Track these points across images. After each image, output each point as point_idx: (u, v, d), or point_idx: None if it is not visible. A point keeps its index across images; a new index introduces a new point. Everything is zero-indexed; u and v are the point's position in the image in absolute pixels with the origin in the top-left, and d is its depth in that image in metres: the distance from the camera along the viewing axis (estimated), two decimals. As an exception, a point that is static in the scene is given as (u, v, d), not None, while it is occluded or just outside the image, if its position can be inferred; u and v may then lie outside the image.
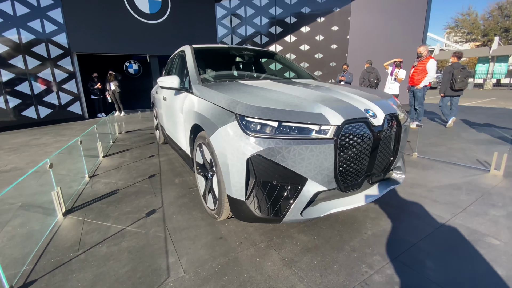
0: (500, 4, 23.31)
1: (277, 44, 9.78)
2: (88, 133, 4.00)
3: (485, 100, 13.10)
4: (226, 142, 1.52)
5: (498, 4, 23.35)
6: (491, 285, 1.32)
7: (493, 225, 1.86)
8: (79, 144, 2.85)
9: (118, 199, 2.40)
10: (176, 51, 3.63)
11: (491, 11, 24.22)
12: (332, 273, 1.43)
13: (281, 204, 1.49)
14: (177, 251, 1.64)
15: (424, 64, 5.22)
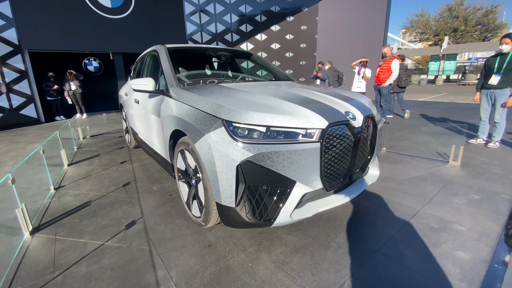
0: (449, 6, 25.78)
1: (248, 43, 9.76)
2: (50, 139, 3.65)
3: (437, 95, 14.46)
4: (213, 149, 1.49)
5: (447, 5, 25.79)
6: (462, 268, 1.48)
7: (457, 212, 2.07)
8: (41, 154, 2.59)
9: (92, 212, 2.23)
10: (146, 50, 3.45)
11: (441, 12, 26.70)
12: (322, 270, 1.49)
13: (271, 208, 1.50)
14: (164, 263, 1.57)
15: (389, 64, 5.60)
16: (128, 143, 4.22)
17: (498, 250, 1.62)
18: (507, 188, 2.47)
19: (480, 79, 3.83)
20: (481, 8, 24.72)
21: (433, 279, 1.41)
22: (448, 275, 1.44)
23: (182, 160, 1.97)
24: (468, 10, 25.19)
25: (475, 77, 22.57)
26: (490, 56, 3.72)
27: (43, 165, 2.77)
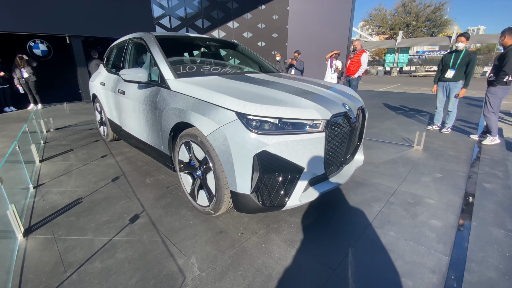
0: (403, 2, 27.84)
1: (220, 30, 9.54)
2: (11, 134, 3.28)
3: (394, 85, 15.84)
4: (229, 140, 1.55)
5: (402, 1, 27.83)
6: (437, 233, 1.80)
7: (426, 189, 2.44)
8: (17, 150, 2.36)
9: (87, 208, 2.14)
10: (124, 36, 3.25)
11: (397, 7, 28.75)
12: (327, 245, 1.69)
13: (282, 193, 1.64)
14: (182, 252, 1.63)
15: (359, 57, 6.00)
16: (105, 136, 3.97)
17: (461, 217, 1.99)
18: (461, 167, 2.95)
19: (437, 73, 4.36)
20: (430, 5, 27.23)
21: (417, 242, 1.70)
22: (427, 239, 1.74)
23: (187, 152, 1.99)
24: (419, 7, 27.53)
25: (424, 69, 25.07)
26: (447, 52, 4.25)
27: (15, 162, 2.53)
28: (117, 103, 3.02)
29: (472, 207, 2.11)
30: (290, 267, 1.51)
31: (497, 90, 3.64)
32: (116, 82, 3.01)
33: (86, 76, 7.54)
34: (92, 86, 3.97)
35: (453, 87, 4.11)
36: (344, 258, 1.58)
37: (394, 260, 1.56)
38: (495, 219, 1.95)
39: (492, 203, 2.18)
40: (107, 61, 3.74)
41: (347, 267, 1.51)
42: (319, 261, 1.55)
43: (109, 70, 3.51)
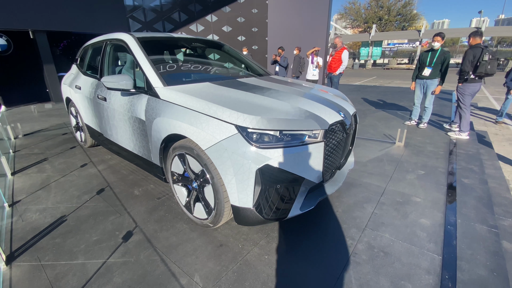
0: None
1: (198, 23, 9.21)
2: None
3: (369, 79, 16.41)
4: (230, 154, 1.51)
5: (375, -5, 28.68)
6: (427, 232, 1.90)
7: (412, 187, 2.57)
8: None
9: (73, 227, 2.00)
10: (100, 36, 3.03)
11: (370, 1, 29.53)
12: (327, 251, 1.73)
13: (284, 205, 1.64)
14: (184, 270, 1.58)
15: (340, 54, 6.10)
16: (82, 142, 3.72)
17: (447, 214, 2.12)
18: (440, 163, 3.14)
19: (415, 71, 4.56)
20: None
21: (410, 243, 1.79)
22: (419, 239, 1.84)
23: (181, 164, 1.91)
24: (390, 1, 28.51)
25: (396, 62, 26.19)
26: (424, 51, 4.45)
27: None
28: (97, 109, 2.81)
29: (455, 204, 2.26)
30: (295, 278, 1.53)
31: (463, 88, 3.91)
32: (95, 86, 2.80)
33: (54, 74, 6.97)
34: (65, 89, 3.67)
35: (430, 84, 4.33)
36: (345, 265, 1.62)
37: (392, 263, 1.63)
38: (477, 215, 2.11)
39: (472, 199, 2.35)
40: (81, 62, 3.47)
41: (350, 274, 1.55)
42: (322, 271, 1.58)
43: (84, 73, 3.26)
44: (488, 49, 3.66)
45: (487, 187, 2.54)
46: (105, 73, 2.75)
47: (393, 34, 26.27)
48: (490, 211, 2.15)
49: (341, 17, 34.32)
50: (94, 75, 2.99)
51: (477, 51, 3.68)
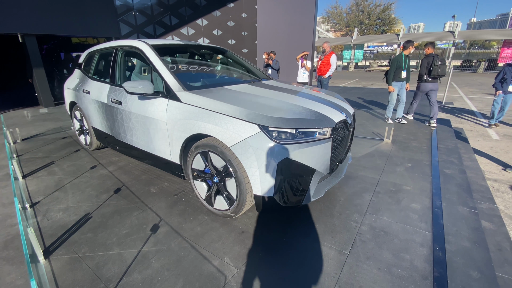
0: (357, 1, 29.84)
1: (189, 27, 9.33)
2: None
3: (353, 80, 17.12)
4: (254, 151, 1.73)
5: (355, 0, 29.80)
6: (418, 214, 2.21)
7: (402, 177, 2.90)
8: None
9: (100, 223, 2.13)
10: (110, 43, 3.15)
11: (351, 6, 30.69)
12: (337, 232, 1.98)
13: (300, 193, 1.88)
14: (214, 254, 1.78)
15: (328, 58, 6.47)
16: (87, 145, 3.78)
17: (433, 199, 2.45)
18: (424, 156, 3.51)
19: (390, 74, 5.01)
20: (380, 4, 29.65)
21: (405, 223, 2.09)
22: (412, 220, 2.14)
23: (203, 161, 2.11)
24: (370, 6, 29.79)
25: (376, 64, 27.35)
26: (397, 56, 4.95)
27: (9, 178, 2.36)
28: (109, 113, 2.93)
29: (440, 191, 2.60)
30: (313, 256, 1.77)
31: (421, 86, 4.99)
32: (107, 91, 2.92)
33: (44, 78, 6.85)
34: (69, 93, 3.73)
35: (404, 85, 5.04)
36: (353, 243, 1.88)
37: (392, 240, 1.91)
38: (459, 199, 2.45)
39: (454, 186, 2.70)
40: (87, 67, 3.55)
41: (358, 250, 1.81)
42: (335, 248, 1.83)
43: (92, 78, 3.35)
44: (438, 57, 4.70)
45: (466, 176, 2.92)
46: (118, 78, 2.88)
47: (374, 37, 27.49)
48: (469, 196, 2.51)
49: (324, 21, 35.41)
50: (104, 80, 3.11)
51: (430, 59, 4.74)
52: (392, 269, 1.66)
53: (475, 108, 7.88)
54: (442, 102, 8.40)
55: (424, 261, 1.72)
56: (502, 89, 5.05)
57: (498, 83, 5.35)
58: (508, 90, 4.92)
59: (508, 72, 4.79)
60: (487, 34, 22.86)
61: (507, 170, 3.62)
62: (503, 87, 4.95)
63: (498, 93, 5.26)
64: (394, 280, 1.58)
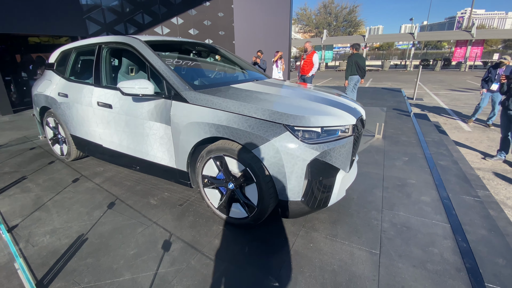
0: (324, 3, 30.97)
1: (163, 26, 8.88)
2: None
3: (326, 80, 17.67)
4: (282, 152, 1.60)
5: (323, 3, 30.93)
6: (431, 207, 2.25)
7: (404, 171, 2.97)
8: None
9: (100, 245, 1.85)
10: (90, 39, 2.82)
11: (319, 8, 31.77)
12: (361, 232, 1.93)
13: (325, 194, 1.80)
14: (240, 266, 1.62)
15: (310, 57, 6.55)
16: (64, 155, 3.34)
17: (439, 191, 2.52)
18: (417, 150, 3.65)
19: (348, 71, 5.98)
20: (346, 7, 31.11)
21: (422, 217, 2.11)
22: (427, 213, 2.17)
23: (216, 167, 1.93)
24: (337, 8, 31.11)
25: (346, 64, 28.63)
26: (357, 54, 5.90)
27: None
28: (95, 118, 2.60)
29: (442, 182, 2.69)
30: (347, 260, 1.69)
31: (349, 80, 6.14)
32: (92, 93, 2.58)
33: (0, 83, 6.04)
34: (40, 97, 3.27)
35: (359, 80, 6.05)
36: (380, 241, 1.84)
37: (415, 235, 1.91)
38: (461, 189, 2.55)
39: (452, 177, 2.82)
40: (61, 67, 3.14)
41: (387, 248, 1.77)
42: (364, 249, 1.77)
43: (68, 79, 2.97)
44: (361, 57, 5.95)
45: (459, 167, 3.07)
46: (104, 78, 2.56)
47: (342, 38, 28.76)
48: (469, 186, 2.63)
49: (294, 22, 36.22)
50: (86, 81, 2.76)
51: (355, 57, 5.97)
52: (426, 265, 1.64)
53: (443, 103, 8.53)
54: (413, 98, 8.96)
55: (453, 253, 1.73)
56: (487, 87, 5.26)
57: (483, 82, 5.54)
58: (491, 89, 5.17)
59: (493, 72, 5.10)
60: (442, 35, 25.13)
61: (486, 158, 3.91)
62: (488, 86, 5.21)
63: (482, 91, 5.45)
64: (432, 276, 1.55)
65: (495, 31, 28.57)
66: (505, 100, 3.53)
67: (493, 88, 5.05)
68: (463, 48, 21.24)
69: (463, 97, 9.30)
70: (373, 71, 23.68)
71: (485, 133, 5.17)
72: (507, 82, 3.39)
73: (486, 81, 5.24)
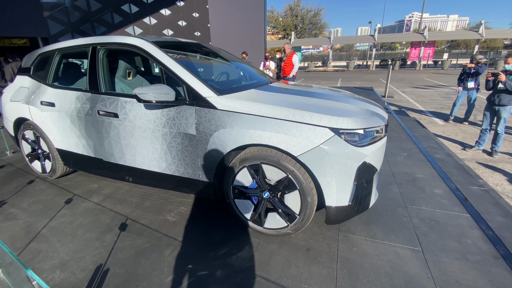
0: (290, 6, 31.81)
1: (135, 26, 8.33)
2: None
3: (299, 81, 18.14)
4: (330, 157, 1.55)
5: (289, 5, 31.74)
6: (446, 198, 2.37)
7: (408, 166, 3.11)
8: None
9: (127, 276, 1.62)
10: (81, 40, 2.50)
11: (285, 10, 32.53)
12: (396, 230, 1.96)
13: (368, 196, 1.78)
14: (297, 282, 1.53)
15: (290, 59, 6.64)
16: (47, 173, 2.91)
17: (447, 182, 2.68)
18: (410, 145, 3.86)
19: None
20: (311, 9, 32.30)
21: (443, 209, 2.21)
22: (445, 205, 2.29)
23: (250, 176, 1.81)
24: (303, 11, 32.17)
25: (314, 66, 29.72)
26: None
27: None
28: (93, 129, 2.30)
29: (446, 174, 2.87)
30: (392, 259, 1.69)
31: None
32: (90, 101, 2.28)
33: None
34: (15, 107, 2.80)
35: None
36: (417, 238, 1.88)
37: (445, 228, 1.99)
38: (466, 179, 2.74)
39: (452, 168, 3.02)
40: (41, 71, 2.74)
41: (426, 244, 1.82)
42: (406, 247, 1.79)
43: (52, 85, 2.59)
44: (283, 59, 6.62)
45: (454, 159, 3.31)
46: (103, 84, 2.27)
47: (310, 40, 29.85)
48: (470, 175, 2.84)
49: (262, 24, 36.69)
50: (77, 87, 2.43)
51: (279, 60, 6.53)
52: (467, 256, 1.71)
53: (411, 99, 9.23)
54: (385, 96, 9.57)
55: (484, 242, 1.83)
56: (463, 85, 5.53)
57: (459, 81, 5.69)
58: (467, 87, 5.47)
59: (467, 71, 5.47)
60: (399, 37, 27.43)
61: (466, 149, 4.29)
62: (464, 84, 5.55)
63: (458, 89, 5.67)
64: (476, 267, 1.62)
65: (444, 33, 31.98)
66: (491, 95, 3.91)
67: (470, 86, 5.45)
68: (417, 49, 23.38)
69: (427, 94, 10.18)
70: (340, 71, 24.93)
71: (457, 126, 5.69)
72: (493, 78, 3.76)
73: (462, 80, 5.59)
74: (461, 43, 39.37)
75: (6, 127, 3.13)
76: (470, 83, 5.42)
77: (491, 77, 3.82)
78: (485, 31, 22.05)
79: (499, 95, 3.83)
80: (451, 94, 9.87)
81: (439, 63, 25.04)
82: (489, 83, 3.91)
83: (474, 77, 5.43)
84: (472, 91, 5.52)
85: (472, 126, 5.63)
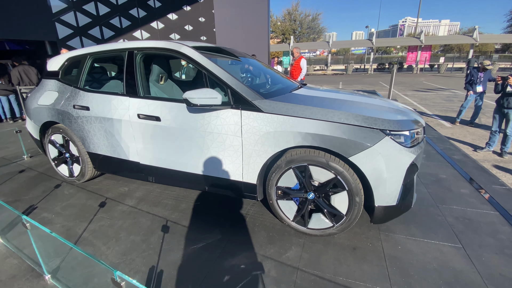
0: (289, 10, 32.18)
1: (143, 30, 8.37)
2: None
3: (300, 83, 18.31)
4: (384, 158, 1.61)
5: (288, 10, 32.11)
6: (473, 198, 2.45)
7: (430, 167, 3.18)
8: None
9: (183, 277, 1.64)
10: (115, 44, 2.54)
11: (284, 15, 32.89)
12: (434, 228, 2.02)
13: (411, 195, 1.85)
14: (352, 280, 1.57)
15: (298, 62, 6.75)
16: (75, 176, 2.92)
17: (471, 183, 2.76)
18: (426, 146, 3.95)
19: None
20: (309, 14, 32.72)
21: (473, 208, 2.28)
22: (474, 204, 2.36)
23: (296, 177, 1.87)
24: (301, 16, 32.57)
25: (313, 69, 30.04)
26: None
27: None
28: (133, 132, 2.33)
29: (468, 175, 2.96)
30: (437, 256, 1.75)
31: None
32: (129, 105, 2.31)
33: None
34: (44, 111, 2.81)
35: None
36: (456, 236, 1.95)
37: (479, 226, 2.06)
38: (487, 179, 2.83)
39: (472, 169, 3.12)
40: (68, 75, 2.76)
41: (466, 242, 1.88)
42: (447, 245, 1.86)
43: (85, 89, 2.61)
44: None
45: (472, 160, 3.41)
46: (141, 88, 2.31)
47: (309, 44, 30.20)
48: (491, 175, 2.93)
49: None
50: (114, 91, 2.46)
51: None
52: (505, 251, 1.78)
53: (415, 102, 9.41)
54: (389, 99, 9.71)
55: (520, 239, 1.90)
56: (472, 89, 5.52)
57: (467, 85, 5.67)
58: (476, 91, 5.49)
59: (475, 74, 5.49)
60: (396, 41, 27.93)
61: (477, 150, 4.41)
62: (473, 88, 5.53)
63: (469, 93, 5.63)
64: (518, 263, 1.69)
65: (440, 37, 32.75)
66: (500, 98, 4.04)
67: (479, 90, 5.55)
68: (414, 53, 23.85)
69: (429, 97, 10.37)
70: (339, 75, 25.23)
71: (464, 128, 5.83)
72: (502, 82, 3.89)
73: (470, 84, 5.63)
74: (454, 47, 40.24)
75: (30, 130, 3.13)
76: (478, 87, 5.57)
77: (501, 80, 3.95)
78: (479, 36, 22.61)
79: (508, 98, 3.96)
80: (452, 97, 10.09)
81: (435, 67, 25.53)
82: (498, 87, 4.04)
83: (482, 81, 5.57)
84: (481, 94, 5.67)
85: (478, 128, 5.77)
